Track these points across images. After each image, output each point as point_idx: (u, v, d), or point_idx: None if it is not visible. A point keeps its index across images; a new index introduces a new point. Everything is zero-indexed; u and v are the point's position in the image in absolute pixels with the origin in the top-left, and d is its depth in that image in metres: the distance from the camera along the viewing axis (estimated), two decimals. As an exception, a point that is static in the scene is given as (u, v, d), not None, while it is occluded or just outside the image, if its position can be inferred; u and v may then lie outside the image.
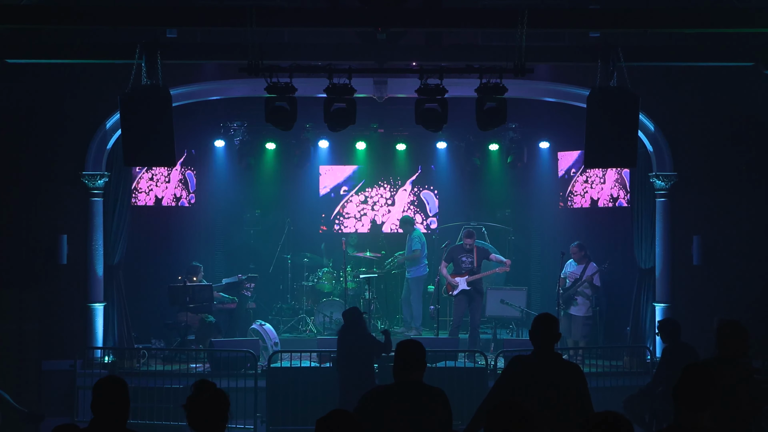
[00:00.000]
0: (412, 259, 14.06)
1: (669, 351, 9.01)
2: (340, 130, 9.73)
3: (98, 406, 4.76)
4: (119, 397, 4.79)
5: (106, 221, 12.15)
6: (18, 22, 9.41)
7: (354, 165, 15.71)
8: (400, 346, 5.53)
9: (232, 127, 14.37)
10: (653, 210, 12.41)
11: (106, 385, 4.82)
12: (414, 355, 5.42)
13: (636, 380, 10.91)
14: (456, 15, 9.63)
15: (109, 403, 4.76)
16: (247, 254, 15.15)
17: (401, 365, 5.41)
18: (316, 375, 10.91)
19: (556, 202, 14.86)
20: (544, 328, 6.02)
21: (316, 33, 11.04)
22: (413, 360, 5.40)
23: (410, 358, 5.40)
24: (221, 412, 4.34)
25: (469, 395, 9.92)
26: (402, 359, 5.42)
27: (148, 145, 9.43)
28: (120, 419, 4.77)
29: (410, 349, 5.47)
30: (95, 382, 4.90)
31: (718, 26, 9.42)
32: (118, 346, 12.17)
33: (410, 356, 5.41)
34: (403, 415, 5.22)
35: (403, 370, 5.40)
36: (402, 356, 5.43)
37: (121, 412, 4.78)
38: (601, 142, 9.45)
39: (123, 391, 4.79)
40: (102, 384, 4.84)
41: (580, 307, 12.64)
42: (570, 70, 11.96)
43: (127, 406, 4.81)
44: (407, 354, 5.43)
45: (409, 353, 5.44)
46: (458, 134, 14.58)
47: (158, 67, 9.43)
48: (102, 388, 4.80)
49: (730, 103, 12.09)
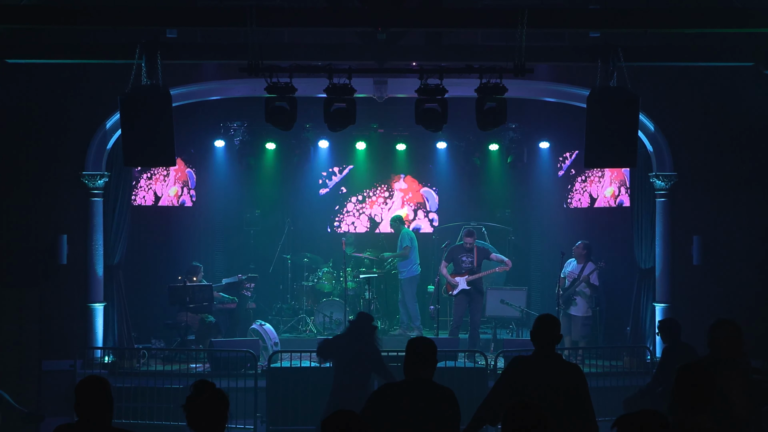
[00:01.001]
0: (402, 257, 14.03)
1: (669, 351, 9.00)
2: (340, 130, 9.73)
3: (81, 407, 4.79)
4: (100, 397, 4.81)
5: (106, 221, 12.15)
6: (18, 22, 9.42)
7: (353, 165, 15.72)
8: (410, 344, 5.56)
9: (232, 127, 14.37)
10: (653, 210, 12.41)
11: (87, 386, 4.84)
12: (423, 353, 5.45)
13: (636, 380, 10.90)
14: (456, 15, 9.64)
15: (91, 402, 4.78)
16: (247, 254, 15.16)
17: (411, 362, 5.44)
18: (316, 375, 10.88)
19: (557, 202, 14.86)
20: (546, 328, 6.02)
21: (316, 33, 11.04)
22: (422, 358, 5.43)
23: (420, 356, 5.44)
24: (221, 413, 4.34)
25: (469, 395, 9.86)
26: (412, 356, 5.45)
27: (148, 145, 9.42)
28: (103, 418, 4.79)
29: (420, 347, 5.50)
30: (77, 384, 4.93)
31: (718, 26, 9.42)
32: (118, 346, 12.17)
33: (420, 354, 5.45)
34: (412, 413, 5.25)
35: (413, 368, 5.43)
36: (412, 353, 5.46)
37: (103, 411, 4.79)
38: (601, 142, 9.45)
39: (104, 389, 4.82)
40: (82, 384, 4.87)
41: (579, 307, 12.64)
42: (570, 70, 11.96)
43: (109, 405, 4.83)
44: (417, 351, 5.47)
45: (419, 351, 5.46)
46: (458, 134, 14.57)
47: (158, 67, 9.43)
48: (83, 389, 4.83)
49: (730, 103, 12.09)
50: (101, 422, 4.78)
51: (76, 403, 4.80)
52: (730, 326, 6.17)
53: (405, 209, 15.70)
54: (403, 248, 14.05)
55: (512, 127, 13.94)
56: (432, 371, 5.47)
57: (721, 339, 6.12)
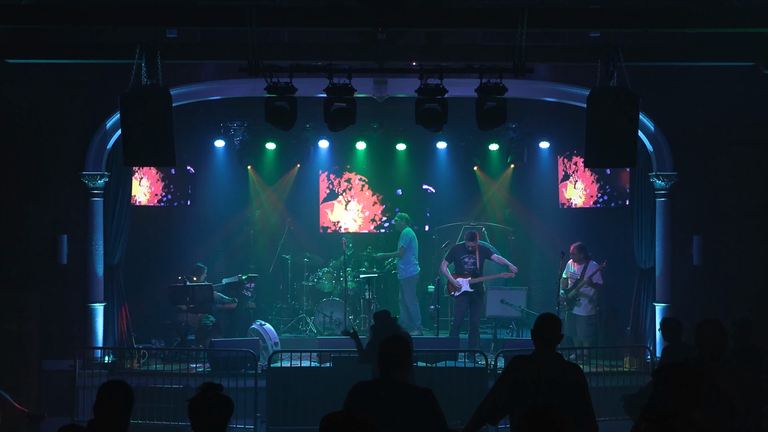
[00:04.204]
0: (399, 256, 14.04)
1: (668, 351, 9.01)
2: (340, 130, 9.73)
3: (100, 409, 4.71)
4: (123, 404, 4.75)
5: (106, 221, 12.15)
6: (18, 22, 9.43)
7: (354, 164, 15.73)
8: (382, 344, 5.46)
9: (232, 127, 14.36)
10: (653, 210, 12.41)
11: (111, 389, 4.78)
12: (395, 354, 5.35)
13: (636, 380, 10.91)
14: (456, 15, 9.63)
15: (113, 408, 4.72)
16: (247, 254, 15.16)
17: (383, 364, 5.35)
18: (316, 375, 10.91)
19: (557, 202, 14.87)
20: (546, 327, 6.01)
21: (316, 33, 11.05)
22: (395, 359, 5.33)
23: (391, 358, 5.34)
24: (223, 417, 4.33)
25: (469, 395, 9.92)
26: (383, 358, 5.36)
27: (148, 145, 9.42)
28: (121, 426, 4.74)
29: (391, 348, 5.40)
30: (101, 384, 4.85)
31: (718, 26, 9.42)
32: (118, 346, 12.17)
33: (391, 355, 5.35)
34: (381, 414, 4.96)
35: (385, 369, 5.34)
36: (383, 355, 5.37)
37: (122, 419, 4.74)
38: (601, 142, 9.44)
39: (128, 397, 4.76)
40: (107, 387, 4.80)
41: (584, 308, 12.64)
42: (570, 70, 11.97)
43: (128, 413, 4.77)
44: (388, 353, 5.37)
45: (390, 353, 5.37)
46: (458, 134, 14.57)
47: (158, 67, 9.42)
48: (107, 392, 4.76)
49: (730, 103, 12.08)
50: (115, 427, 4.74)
51: (96, 403, 4.74)
52: (718, 326, 6.46)
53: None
54: (399, 248, 14.07)
55: (512, 127, 13.93)
56: (406, 372, 5.34)
57: (711, 339, 6.33)
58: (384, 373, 5.35)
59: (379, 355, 5.38)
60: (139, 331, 12.79)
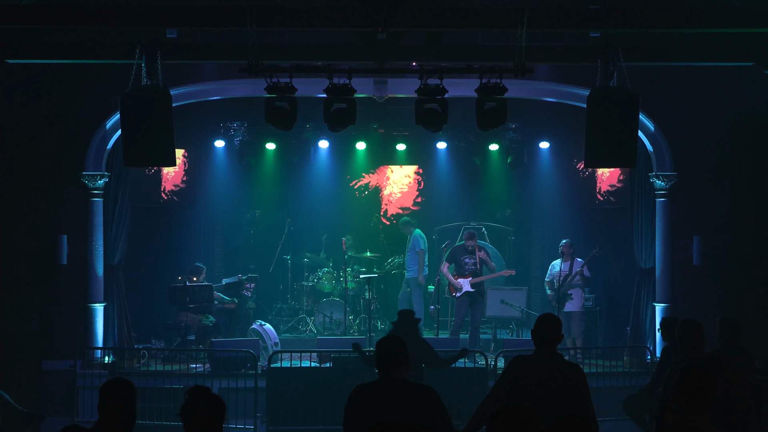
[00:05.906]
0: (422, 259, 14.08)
1: (668, 351, 9.00)
2: (341, 130, 9.72)
3: (105, 408, 4.70)
4: (128, 401, 4.75)
5: (106, 221, 12.14)
6: (18, 22, 9.41)
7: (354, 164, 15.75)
8: (379, 344, 5.47)
9: (232, 127, 14.37)
10: (653, 210, 12.40)
11: (114, 387, 4.78)
12: (393, 353, 5.36)
13: (636, 380, 10.91)
14: (456, 15, 9.61)
15: (117, 406, 4.72)
16: (247, 254, 15.16)
17: (381, 363, 5.36)
18: (316, 375, 10.91)
19: (557, 201, 14.86)
20: (547, 327, 6.01)
21: (316, 33, 11.04)
22: (394, 359, 5.33)
23: (389, 356, 5.35)
24: (217, 419, 4.32)
25: (469, 395, 9.93)
26: (381, 357, 5.37)
27: (148, 145, 9.42)
28: (127, 424, 4.73)
29: (389, 347, 5.41)
30: (102, 384, 4.84)
31: (718, 26, 9.42)
32: (118, 346, 12.17)
33: (389, 354, 5.36)
34: (383, 414, 4.98)
35: (385, 368, 5.34)
36: (381, 354, 5.38)
37: (128, 417, 4.73)
38: (601, 142, 9.44)
39: (131, 395, 4.75)
40: (109, 386, 4.80)
41: (575, 302, 12.64)
42: (570, 70, 11.96)
43: (133, 409, 4.77)
44: (386, 352, 5.38)
45: (388, 351, 5.38)
46: (458, 134, 14.58)
47: (158, 67, 9.42)
48: (110, 390, 4.76)
49: (730, 103, 12.09)
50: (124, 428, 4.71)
51: (100, 403, 4.73)
52: (697, 326, 6.86)
53: None
54: (417, 251, 14.10)
55: (512, 127, 13.93)
56: (405, 370, 5.34)
57: (699, 339, 6.72)
58: (384, 373, 5.35)
59: (377, 355, 5.40)
60: (139, 331, 12.78)
